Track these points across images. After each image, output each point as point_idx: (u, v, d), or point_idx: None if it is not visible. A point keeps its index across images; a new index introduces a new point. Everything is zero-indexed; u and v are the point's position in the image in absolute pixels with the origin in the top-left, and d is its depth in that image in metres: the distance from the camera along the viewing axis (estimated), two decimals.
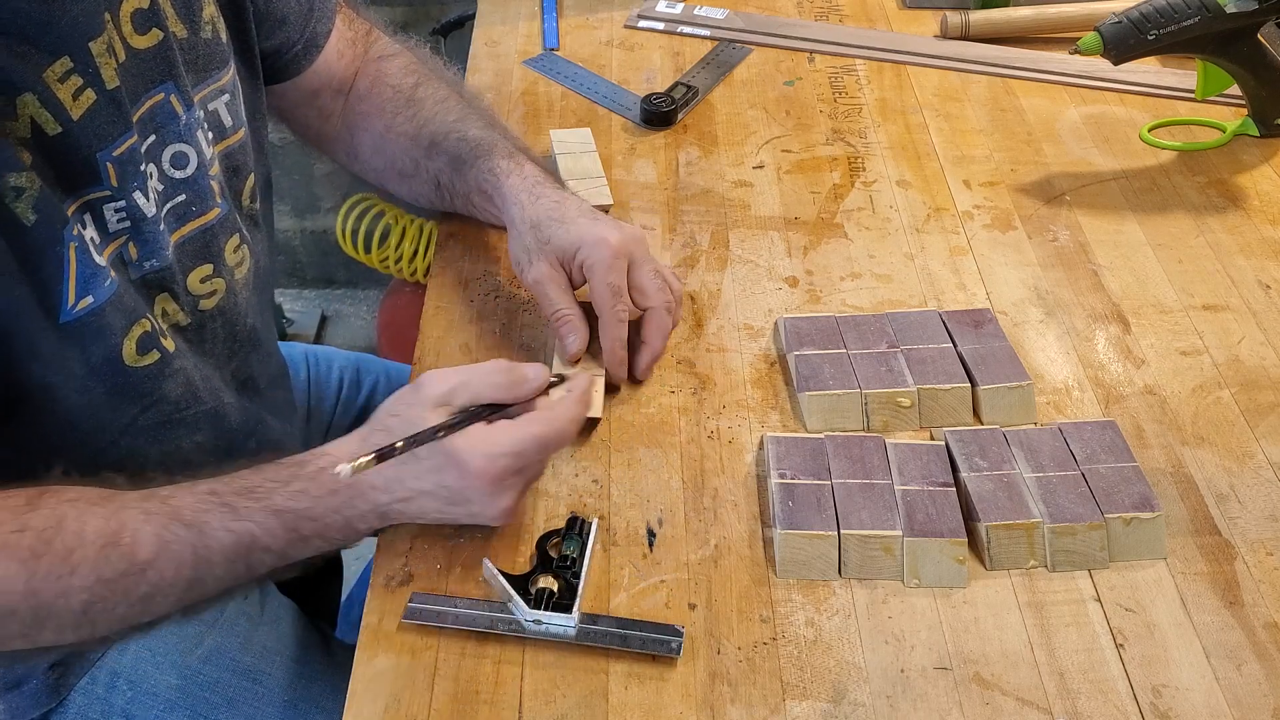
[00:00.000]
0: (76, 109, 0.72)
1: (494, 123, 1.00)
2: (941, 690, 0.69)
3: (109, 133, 0.74)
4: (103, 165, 0.74)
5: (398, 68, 1.03)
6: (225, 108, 0.87)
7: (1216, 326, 0.94)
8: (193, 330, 0.86)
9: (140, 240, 0.78)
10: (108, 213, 0.76)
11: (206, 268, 0.85)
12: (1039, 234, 1.04)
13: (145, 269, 0.80)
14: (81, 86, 0.73)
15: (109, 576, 0.68)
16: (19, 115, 0.70)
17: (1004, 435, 0.82)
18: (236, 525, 0.71)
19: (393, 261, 1.75)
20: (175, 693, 0.88)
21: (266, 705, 0.89)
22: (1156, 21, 1.05)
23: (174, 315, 0.84)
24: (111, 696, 0.87)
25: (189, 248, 0.83)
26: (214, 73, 0.85)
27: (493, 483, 0.72)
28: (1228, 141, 1.15)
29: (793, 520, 0.75)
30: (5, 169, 0.68)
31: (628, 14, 1.36)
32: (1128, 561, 0.76)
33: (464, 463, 0.72)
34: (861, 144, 1.15)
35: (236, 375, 0.92)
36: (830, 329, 0.90)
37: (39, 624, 0.68)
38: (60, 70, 0.71)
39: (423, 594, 0.74)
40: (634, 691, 0.69)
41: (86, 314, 0.74)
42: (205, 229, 0.84)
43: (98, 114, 0.74)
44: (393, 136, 1.00)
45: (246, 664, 0.90)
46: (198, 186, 0.83)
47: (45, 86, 0.70)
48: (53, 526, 0.68)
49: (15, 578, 0.66)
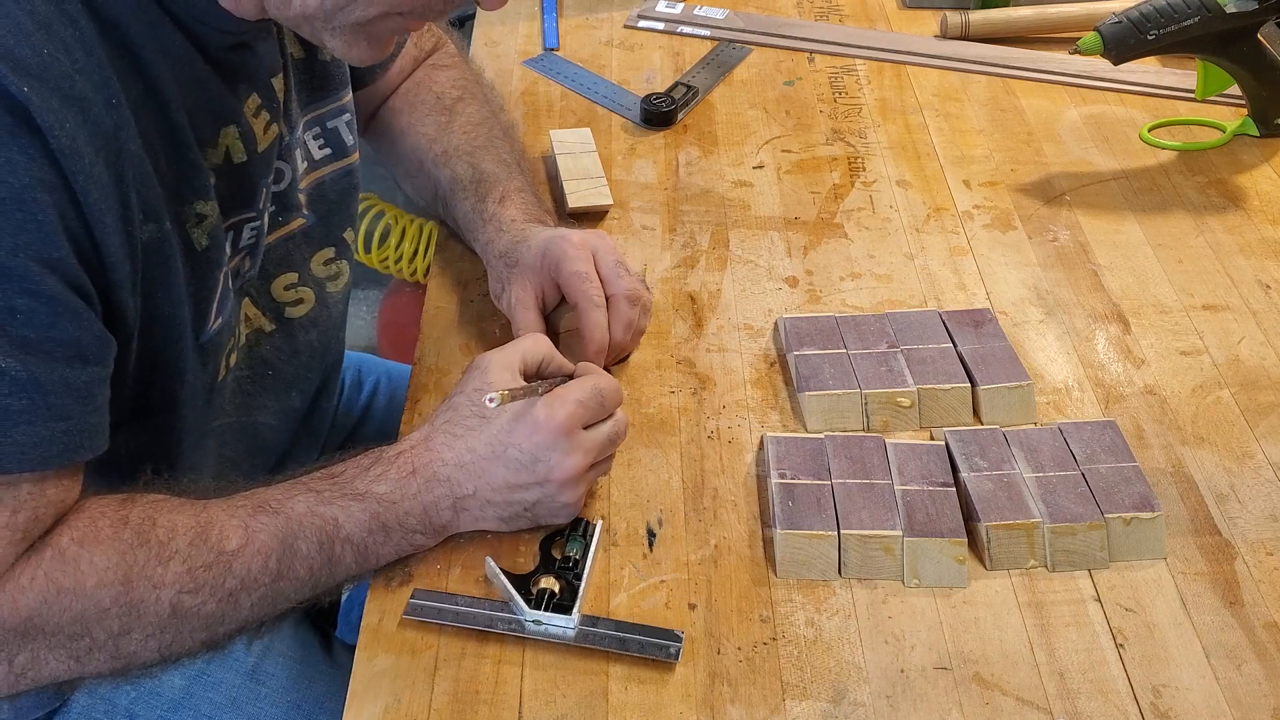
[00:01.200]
0: (264, 141, 0.77)
1: (507, 160, 1.00)
2: (941, 690, 0.69)
3: (273, 162, 0.79)
4: (260, 192, 0.79)
5: (447, 79, 1.05)
6: (345, 126, 0.91)
7: (1216, 326, 0.94)
8: (281, 337, 0.89)
9: (253, 254, 0.82)
10: (245, 232, 0.80)
11: (291, 275, 0.88)
12: (1039, 234, 1.04)
13: (244, 278, 0.83)
14: (269, 121, 0.78)
15: (199, 565, 0.68)
16: (219, 144, 0.74)
17: (1004, 435, 0.82)
18: (321, 509, 0.72)
19: (393, 261, 1.75)
20: (179, 693, 0.88)
21: (269, 705, 0.89)
22: (1156, 21, 1.05)
23: (255, 320, 0.87)
24: (116, 696, 0.87)
25: (272, 255, 0.86)
26: (334, 93, 0.89)
27: (562, 432, 0.73)
28: (1228, 141, 1.15)
29: (793, 520, 0.75)
30: (196, 195, 0.72)
31: (628, 14, 1.36)
32: (1128, 561, 0.76)
33: (532, 415, 0.74)
34: (861, 144, 1.15)
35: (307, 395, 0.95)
36: (830, 329, 0.90)
37: (128, 626, 0.67)
38: (254, 105, 0.76)
39: (424, 591, 0.74)
40: (634, 692, 0.69)
41: (215, 333, 0.78)
42: (288, 238, 0.87)
43: (274, 146, 0.79)
44: (413, 134, 1.02)
45: (250, 664, 0.90)
46: (286, 199, 0.86)
47: (245, 119, 0.75)
48: (149, 520, 0.68)
49: (116, 567, 0.66)
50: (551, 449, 0.73)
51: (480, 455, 0.74)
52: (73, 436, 0.65)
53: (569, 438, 0.73)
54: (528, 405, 0.74)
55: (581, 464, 0.74)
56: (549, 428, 0.73)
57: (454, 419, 0.76)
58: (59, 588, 0.65)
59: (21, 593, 0.65)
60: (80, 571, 0.66)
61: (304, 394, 0.95)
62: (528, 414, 0.74)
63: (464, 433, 0.75)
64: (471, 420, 0.75)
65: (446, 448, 0.75)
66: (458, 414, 0.76)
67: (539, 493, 0.74)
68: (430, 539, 0.76)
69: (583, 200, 1.04)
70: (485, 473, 0.74)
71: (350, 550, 0.73)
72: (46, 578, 0.65)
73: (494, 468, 0.74)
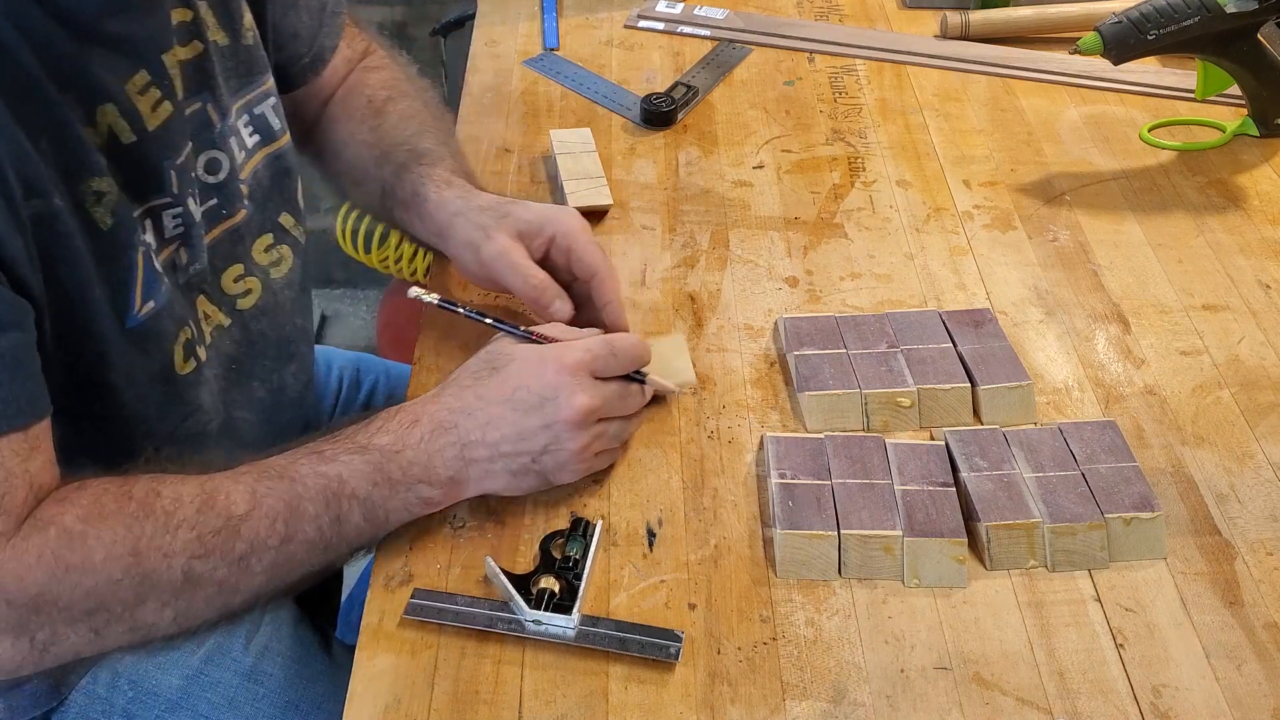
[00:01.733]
0: (154, 120, 0.76)
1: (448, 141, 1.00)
2: (941, 690, 0.69)
3: (175, 142, 0.78)
4: (167, 174, 0.77)
5: (378, 80, 1.04)
6: (272, 111, 0.90)
7: (1216, 326, 0.94)
8: (237, 329, 0.89)
9: (189, 245, 0.81)
10: (166, 219, 0.79)
11: (238, 268, 0.88)
12: (1039, 234, 1.04)
13: (190, 273, 0.83)
14: (160, 99, 0.76)
15: (207, 531, 0.69)
16: (98, 124, 0.72)
17: (1004, 435, 0.82)
18: (324, 468, 0.72)
19: (392, 261, 1.75)
20: (177, 693, 0.88)
21: (267, 706, 0.89)
22: (1156, 21, 1.05)
23: (214, 317, 0.87)
24: (113, 696, 0.87)
25: (219, 249, 0.86)
26: (257, 78, 0.88)
27: (571, 370, 0.74)
28: (1228, 141, 1.15)
29: (793, 520, 0.75)
30: (89, 173, 0.71)
31: (628, 14, 1.36)
32: (1128, 561, 0.76)
33: (541, 355, 0.75)
34: (861, 144, 1.15)
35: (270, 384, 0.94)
36: (830, 329, 0.90)
37: (142, 596, 0.68)
38: (140, 83, 0.75)
39: (424, 590, 0.74)
40: (634, 692, 0.69)
41: (149, 319, 0.77)
42: (232, 230, 0.87)
43: (171, 125, 0.77)
44: (353, 144, 1.01)
45: (247, 665, 0.90)
46: (228, 190, 0.85)
47: (126, 98, 0.74)
48: (154, 492, 0.69)
49: (124, 540, 0.67)
50: (559, 388, 0.74)
51: (488, 400, 0.75)
52: (9, 404, 0.65)
53: (575, 378, 0.75)
54: (531, 349, 0.76)
55: (588, 404, 0.74)
56: (557, 370, 0.74)
57: (463, 374, 0.78)
58: (66, 565, 0.66)
59: (28, 571, 0.65)
60: (88, 547, 0.66)
61: (267, 384, 0.94)
62: (537, 359, 0.76)
63: (472, 382, 0.77)
64: (483, 372, 0.77)
65: (454, 398, 0.76)
66: (467, 370, 0.78)
67: (547, 437, 0.75)
68: (439, 493, 0.75)
69: (583, 200, 1.04)
70: (493, 418, 0.75)
71: (357, 507, 0.73)
72: (54, 556, 0.66)
73: (503, 412, 0.75)
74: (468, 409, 0.75)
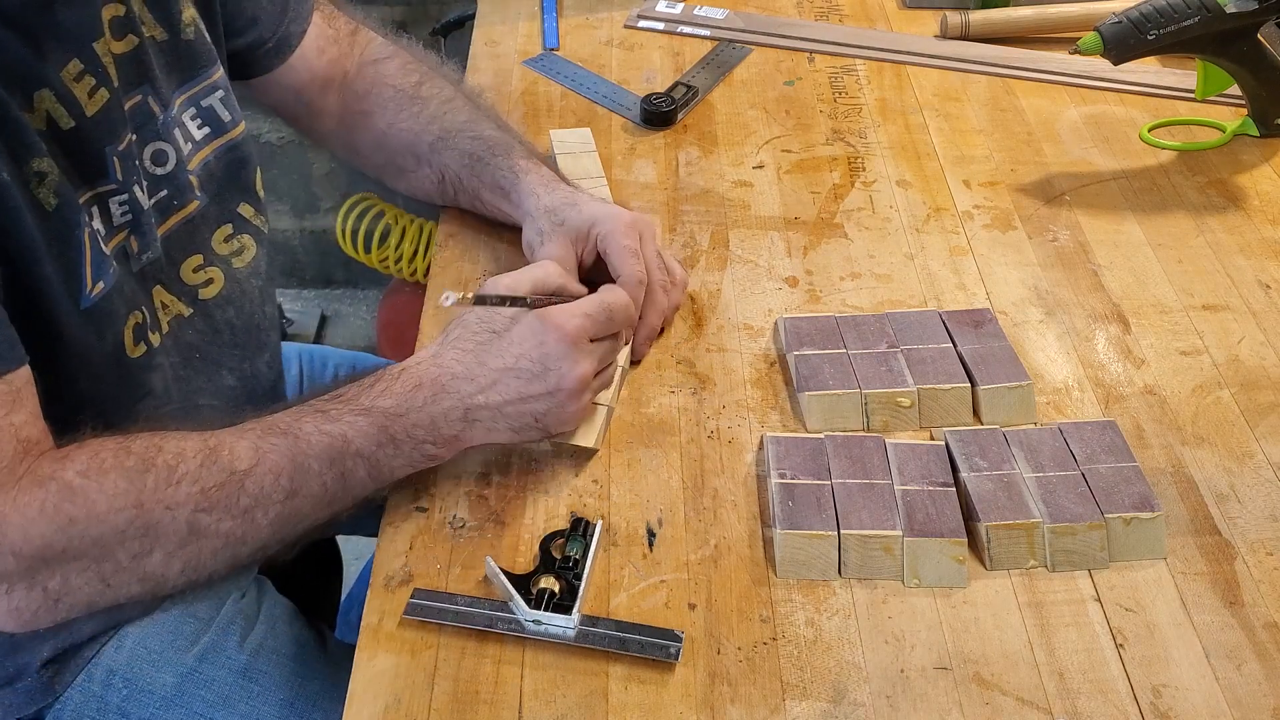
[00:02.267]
0: (91, 106, 0.76)
1: (504, 124, 1.03)
2: (941, 690, 0.69)
3: (115, 129, 0.78)
4: (110, 160, 0.78)
5: (396, 68, 1.04)
6: (221, 103, 0.90)
7: (1216, 326, 0.94)
8: (201, 319, 0.89)
9: (139, 233, 0.82)
10: (113, 206, 0.80)
11: (196, 258, 0.89)
12: (1039, 234, 1.04)
13: (143, 261, 0.83)
14: (95, 85, 0.77)
15: (211, 485, 0.70)
16: (35, 109, 0.73)
17: (1004, 435, 0.82)
18: (329, 427, 0.74)
19: (392, 261, 1.75)
20: (171, 691, 0.88)
21: (262, 704, 0.89)
22: (1156, 21, 1.05)
23: (173, 307, 0.87)
24: (108, 694, 0.87)
25: (175, 240, 0.87)
26: (201, 71, 0.88)
27: (572, 340, 0.76)
28: (1228, 141, 1.15)
29: (793, 520, 0.75)
30: (30, 154, 0.72)
31: (628, 14, 1.36)
32: (1128, 561, 0.76)
33: (542, 324, 0.76)
34: (861, 144, 1.15)
35: (241, 373, 0.95)
36: (830, 329, 0.90)
37: (148, 546, 0.70)
38: (74, 70, 0.76)
39: (424, 590, 0.74)
40: (634, 692, 0.69)
41: (101, 299, 0.77)
42: (187, 220, 0.88)
43: (111, 111, 0.78)
44: (395, 133, 1.02)
45: (242, 663, 0.90)
46: (177, 181, 0.86)
47: (62, 83, 0.74)
48: (154, 447, 0.71)
49: (126, 493, 0.68)
50: (561, 358, 0.76)
51: (490, 368, 0.76)
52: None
53: (576, 347, 0.76)
54: (532, 317, 0.77)
55: (588, 372, 0.77)
56: (558, 339, 0.76)
57: (463, 335, 0.78)
58: (70, 517, 0.67)
59: (31, 523, 0.67)
60: (90, 499, 0.68)
61: (237, 373, 0.95)
62: (539, 319, 0.76)
63: (474, 347, 0.77)
64: (482, 335, 0.78)
65: (456, 361, 0.77)
66: (467, 329, 0.78)
67: (549, 402, 0.76)
68: (443, 449, 0.77)
69: None
70: (496, 384, 0.76)
71: (362, 464, 0.75)
72: (55, 509, 0.67)
73: (505, 378, 0.76)
74: (469, 374, 0.76)
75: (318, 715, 0.90)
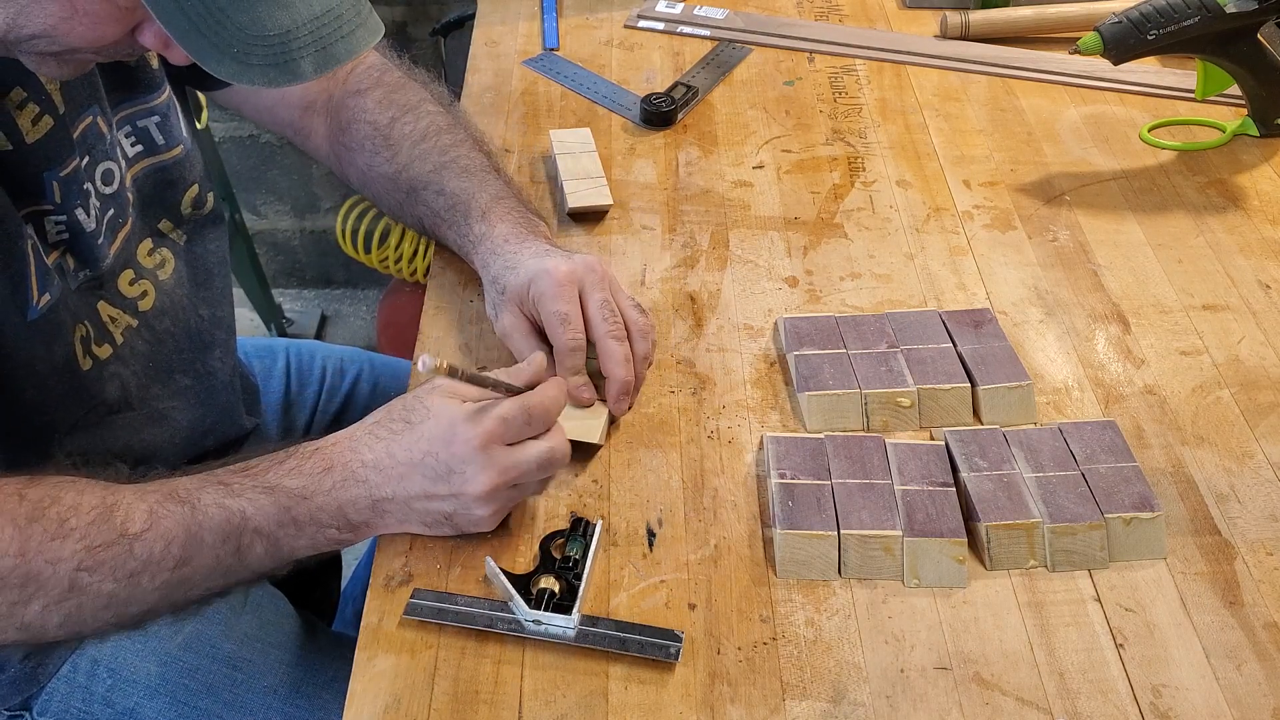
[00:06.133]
0: (34, 133, 0.77)
1: (470, 163, 0.97)
2: (941, 690, 0.69)
3: (58, 155, 0.78)
4: (49, 184, 0.78)
5: (374, 102, 1.01)
6: (157, 127, 0.90)
7: (1216, 326, 0.94)
8: (145, 329, 0.90)
9: (76, 252, 0.82)
10: (48, 225, 0.80)
11: (129, 272, 0.89)
12: (1039, 234, 1.04)
13: (80, 278, 0.83)
14: (40, 113, 0.77)
15: (98, 544, 0.69)
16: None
17: (1004, 435, 0.82)
18: (229, 501, 0.72)
19: (392, 261, 1.75)
20: (155, 679, 0.88)
21: (247, 692, 0.89)
22: (1156, 21, 1.05)
23: (120, 319, 0.88)
24: (92, 684, 0.88)
25: (120, 256, 0.87)
26: (142, 95, 0.88)
27: (479, 447, 0.72)
28: (1228, 141, 1.15)
29: (793, 520, 0.75)
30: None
31: (628, 14, 1.36)
32: (1128, 561, 0.76)
33: (452, 426, 0.73)
34: (861, 144, 1.15)
35: (195, 372, 0.95)
36: (830, 329, 0.90)
37: (26, 596, 0.68)
38: (17, 99, 0.76)
39: (424, 590, 0.74)
40: (634, 692, 0.69)
41: (48, 310, 0.78)
42: (127, 238, 0.88)
43: (52, 138, 0.78)
44: (374, 176, 0.99)
45: (227, 651, 0.90)
46: (119, 200, 0.86)
47: (4, 111, 0.74)
48: (49, 497, 0.69)
49: (10, 540, 0.67)
50: (466, 462, 0.72)
51: (399, 461, 0.74)
52: None
53: (485, 453, 0.72)
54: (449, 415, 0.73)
55: (495, 481, 0.73)
56: (466, 441, 0.72)
57: (382, 421, 0.76)
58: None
59: None
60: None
61: (190, 373, 0.94)
62: (449, 417, 0.73)
63: (387, 435, 0.75)
64: (397, 424, 0.75)
65: (367, 449, 0.75)
66: (388, 415, 0.76)
67: (454, 504, 0.74)
68: (349, 535, 0.75)
69: (583, 200, 1.04)
70: (403, 479, 0.74)
71: (260, 541, 0.73)
72: None
73: (411, 474, 0.73)
74: (379, 464, 0.74)
75: (302, 702, 0.90)
